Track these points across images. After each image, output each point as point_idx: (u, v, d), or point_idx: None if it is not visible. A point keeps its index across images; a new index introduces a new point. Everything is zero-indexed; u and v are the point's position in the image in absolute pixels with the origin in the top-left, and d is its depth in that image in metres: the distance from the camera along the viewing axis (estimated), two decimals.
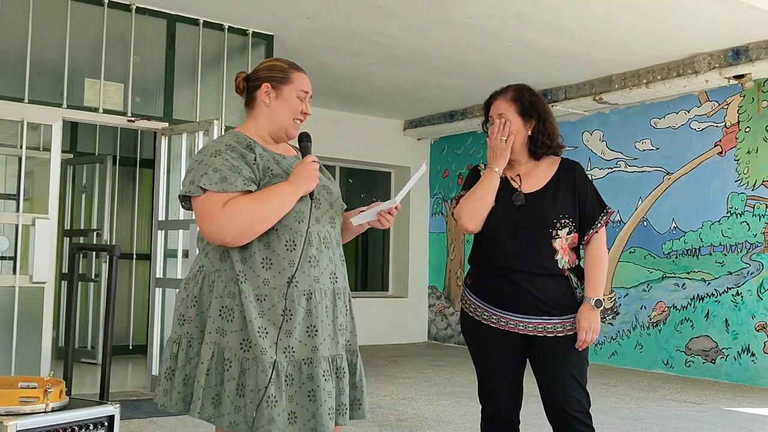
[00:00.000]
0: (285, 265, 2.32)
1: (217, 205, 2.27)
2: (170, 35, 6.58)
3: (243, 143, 2.41)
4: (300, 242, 2.34)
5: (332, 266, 2.42)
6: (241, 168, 2.32)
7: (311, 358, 2.32)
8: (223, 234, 2.27)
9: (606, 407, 6.01)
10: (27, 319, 5.79)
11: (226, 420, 2.26)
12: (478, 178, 3.02)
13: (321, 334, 2.34)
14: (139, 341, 8.59)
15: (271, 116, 2.49)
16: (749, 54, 7.16)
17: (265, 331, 2.27)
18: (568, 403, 2.87)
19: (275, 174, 2.37)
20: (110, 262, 3.44)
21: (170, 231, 6.50)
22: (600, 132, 9.05)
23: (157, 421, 5.21)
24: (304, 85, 2.52)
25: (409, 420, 5.45)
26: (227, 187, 2.28)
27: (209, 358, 2.28)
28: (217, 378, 2.29)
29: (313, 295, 2.35)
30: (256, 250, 2.32)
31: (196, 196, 2.31)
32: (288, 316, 2.30)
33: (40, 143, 6.74)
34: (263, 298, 2.30)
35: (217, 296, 2.32)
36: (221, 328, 2.30)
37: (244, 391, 2.26)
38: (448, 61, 7.88)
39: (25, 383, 2.95)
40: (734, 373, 7.53)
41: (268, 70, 2.52)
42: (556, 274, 2.90)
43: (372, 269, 11.73)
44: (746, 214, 7.60)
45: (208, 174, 2.30)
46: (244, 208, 2.26)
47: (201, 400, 2.27)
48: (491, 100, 3.06)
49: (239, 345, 2.28)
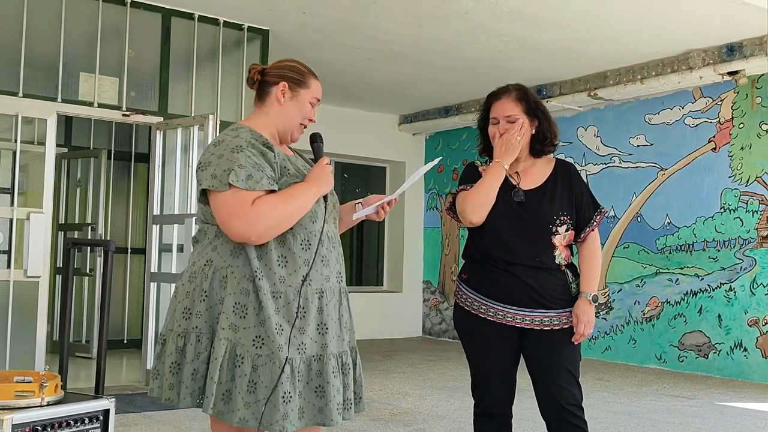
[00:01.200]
0: (300, 264, 2.35)
1: (246, 203, 2.27)
2: (165, 29, 6.58)
3: (260, 140, 2.40)
4: (314, 242, 2.38)
5: (338, 266, 2.48)
6: (263, 166, 2.33)
7: (321, 355, 2.36)
8: (250, 231, 2.27)
9: (599, 402, 6.04)
10: (21, 314, 5.79)
11: (237, 416, 2.26)
12: (475, 173, 3.04)
13: (331, 331, 2.39)
14: (133, 335, 8.60)
15: (283, 115, 2.49)
16: (743, 50, 7.18)
17: (281, 328, 2.30)
18: (562, 396, 2.90)
19: (292, 174, 2.41)
20: (105, 256, 3.44)
21: (165, 225, 6.50)
22: (594, 127, 9.07)
23: (152, 415, 5.22)
24: (318, 92, 2.55)
25: (403, 414, 5.47)
26: (254, 185, 2.28)
27: (223, 354, 2.28)
28: (228, 374, 2.29)
29: (325, 294, 2.40)
30: (272, 247, 2.33)
31: (221, 191, 2.30)
32: (302, 314, 2.33)
33: (35, 137, 6.73)
34: (279, 296, 2.31)
35: (231, 292, 2.31)
36: (234, 324, 2.30)
37: (255, 387, 2.27)
38: (443, 57, 7.89)
39: (21, 377, 2.96)
40: (727, 368, 7.57)
41: (289, 69, 2.52)
42: (553, 269, 2.94)
43: (367, 264, 11.75)
44: (739, 209, 7.63)
45: (234, 170, 2.28)
46: (273, 208, 2.29)
47: (214, 396, 2.27)
48: (493, 99, 3.05)
49: (252, 342, 2.28)
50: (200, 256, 2.41)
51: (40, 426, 2.87)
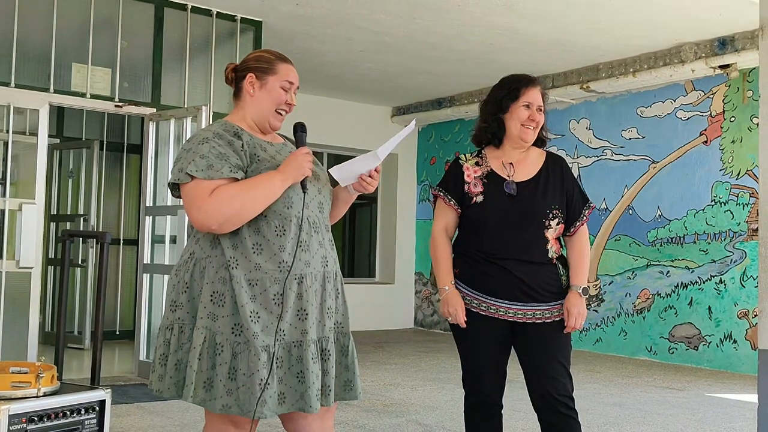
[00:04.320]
0: (276, 250, 2.35)
1: (205, 193, 2.30)
2: (158, 20, 6.56)
3: (230, 131, 2.43)
4: (289, 227, 2.37)
5: (323, 250, 2.45)
6: (228, 155, 2.35)
7: (301, 341, 2.36)
8: (210, 221, 2.30)
9: (590, 393, 6.08)
10: (14, 304, 5.79)
11: (219, 403, 2.30)
12: (459, 170, 3.05)
13: (310, 317, 2.38)
14: (125, 327, 8.60)
15: (255, 106, 2.50)
16: (735, 44, 7.21)
17: (257, 315, 2.31)
18: (553, 386, 2.92)
19: (261, 159, 2.40)
20: (101, 248, 3.45)
21: (158, 217, 6.50)
22: (587, 120, 9.10)
23: (145, 406, 5.23)
24: (289, 75, 2.52)
25: (395, 405, 5.50)
26: (214, 174, 2.31)
27: (201, 343, 2.32)
28: (209, 362, 2.32)
29: (305, 279, 2.38)
30: (247, 235, 2.35)
31: (185, 183, 2.34)
32: (279, 300, 2.33)
33: (26, 128, 6.71)
34: (255, 283, 2.33)
35: (208, 282, 2.35)
36: (213, 313, 2.33)
37: (236, 374, 2.30)
38: (435, 49, 7.89)
39: (17, 368, 2.97)
40: (716, 359, 7.62)
41: (254, 60, 2.54)
42: (545, 263, 2.96)
43: (359, 255, 11.76)
44: (730, 202, 7.68)
45: (195, 161, 2.33)
46: (231, 196, 2.29)
47: (194, 384, 2.30)
48: (529, 85, 3.04)
49: (231, 330, 2.31)
50: (186, 250, 2.47)
51: (37, 416, 2.88)
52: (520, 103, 3.01)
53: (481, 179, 3.01)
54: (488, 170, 3.03)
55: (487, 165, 3.04)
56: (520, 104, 3.01)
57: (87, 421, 3.04)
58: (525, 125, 3.00)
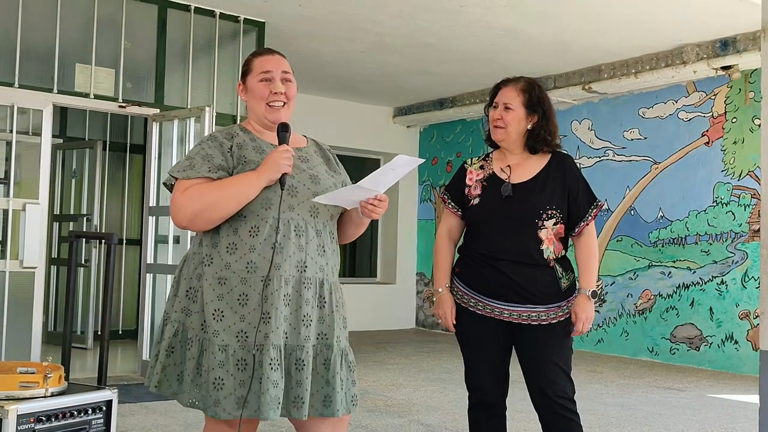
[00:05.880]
0: (246, 250, 2.34)
1: (179, 190, 2.36)
2: (161, 21, 6.57)
3: (227, 132, 2.48)
4: (264, 228, 2.35)
5: (301, 255, 2.37)
6: (213, 156, 2.39)
7: (262, 345, 2.30)
8: (178, 216, 2.35)
9: (592, 394, 6.09)
10: (17, 304, 5.79)
11: (186, 397, 2.34)
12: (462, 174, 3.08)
13: (274, 321, 2.30)
14: (128, 326, 8.62)
15: (251, 109, 2.55)
16: (737, 45, 7.23)
17: (221, 313, 2.32)
18: (552, 389, 2.92)
19: (248, 161, 2.40)
20: (108, 249, 3.46)
21: (161, 217, 6.51)
22: (589, 121, 9.11)
23: (148, 405, 5.25)
24: (264, 66, 2.50)
25: (398, 406, 5.52)
26: (191, 174, 2.35)
27: (171, 336, 2.37)
28: (181, 356, 2.37)
29: (272, 282, 2.32)
30: (224, 235, 2.37)
31: (172, 184, 2.43)
32: (245, 301, 2.32)
33: (30, 128, 6.72)
34: (223, 282, 2.34)
35: (186, 278, 2.41)
36: (186, 308, 2.38)
37: (200, 371, 2.33)
38: (437, 49, 7.90)
39: (24, 368, 2.98)
40: (718, 360, 7.64)
41: (242, 67, 2.60)
42: (540, 264, 2.94)
43: (360, 255, 11.77)
44: (732, 203, 7.69)
45: (181, 162, 2.41)
46: (201, 194, 2.32)
47: (159, 374, 2.36)
48: (501, 85, 3.08)
49: (200, 326, 2.35)
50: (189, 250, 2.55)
51: (45, 416, 2.90)
52: (493, 104, 3.07)
53: (482, 182, 3.03)
54: (490, 173, 3.04)
55: (490, 168, 3.06)
56: (492, 106, 3.07)
57: (94, 421, 3.06)
58: (493, 125, 3.04)
